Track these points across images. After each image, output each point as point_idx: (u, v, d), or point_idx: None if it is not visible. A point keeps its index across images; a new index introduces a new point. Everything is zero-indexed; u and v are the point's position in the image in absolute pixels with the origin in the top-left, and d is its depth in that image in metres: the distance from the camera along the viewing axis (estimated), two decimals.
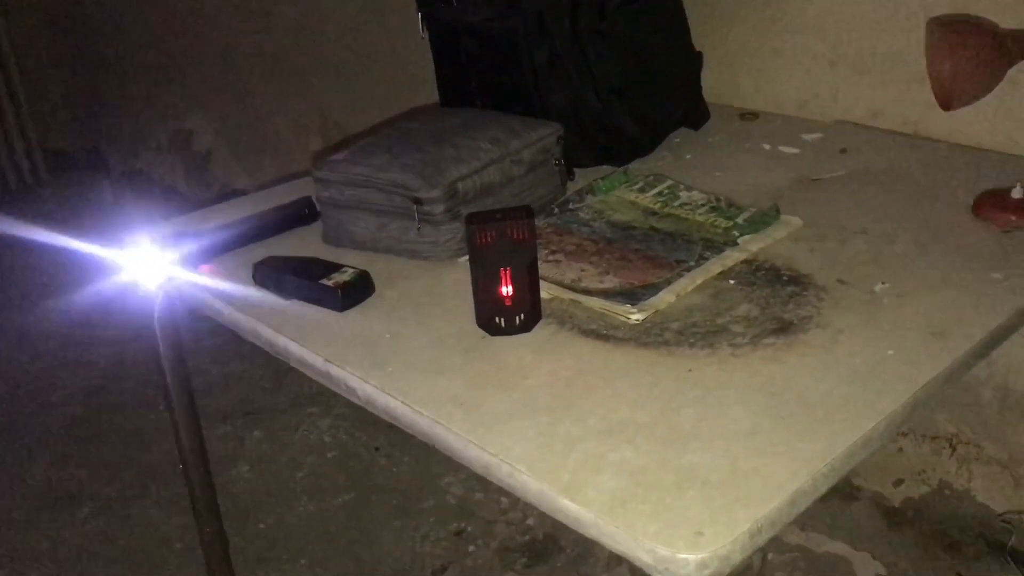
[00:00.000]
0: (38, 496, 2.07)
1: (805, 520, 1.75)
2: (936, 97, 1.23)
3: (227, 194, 3.04)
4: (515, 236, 0.92)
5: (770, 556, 1.72)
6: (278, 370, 2.40)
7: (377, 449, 2.12)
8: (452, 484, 1.99)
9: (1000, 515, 1.56)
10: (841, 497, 1.76)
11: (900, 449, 1.67)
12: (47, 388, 2.46)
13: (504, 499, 1.93)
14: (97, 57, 3.49)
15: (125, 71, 3.40)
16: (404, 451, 2.10)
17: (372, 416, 2.31)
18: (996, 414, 1.53)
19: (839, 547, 1.70)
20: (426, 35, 1.46)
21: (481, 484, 1.97)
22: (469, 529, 1.88)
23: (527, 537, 1.84)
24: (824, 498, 0.75)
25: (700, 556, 0.66)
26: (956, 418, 1.59)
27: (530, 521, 1.88)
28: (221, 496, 1.46)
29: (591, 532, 0.72)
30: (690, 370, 0.88)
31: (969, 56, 1.18)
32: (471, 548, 1.83)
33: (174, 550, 1.89)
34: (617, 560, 1.76)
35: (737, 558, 0.68)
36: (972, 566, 1.59)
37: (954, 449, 1.61)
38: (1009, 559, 1.55)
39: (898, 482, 1.71)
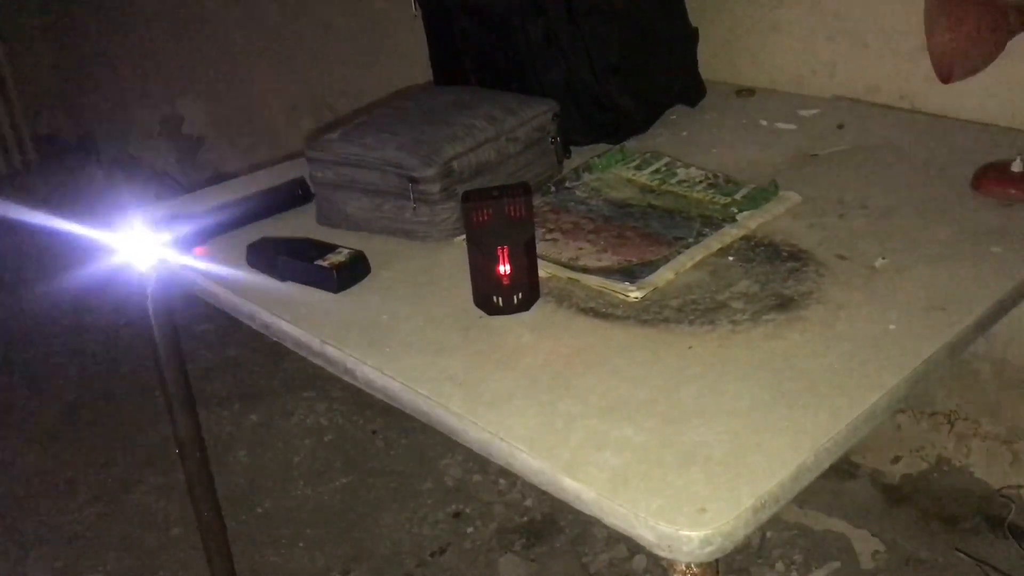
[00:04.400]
0: (34, 483, 2.06)
1: (803, 498, 1.75)
2: (935, 69, 1.22)
3: (219, 178, 3.02)
4: (512, 214, 0.91)
5: (769, 534, 1.72)
6: (273, 355, 2.39)
7: (374, 432, 2.12)
8: (450, 466, 1.99)
9: (999, 490, 1.56)
10: (839, 474, 1.76)
11: (898, 426, 1.67)
12: (41, 374, 2.45)
13: (502, 480, 1.93)
14: (87, 42, 3.46)
15: (115, 56, 3.37)
16: (401, 434, 2.09)
17: (369, 399, 2.30)
18: (994, 390, 1.53)
19: (838, 524, 1.71)
20: (419, 13, 1.44)
21: (479, 466, 1.97)
22: (467, 511, 1.87)
23: (525, 518, 1.84)
24: (822, 475, 0.75)
25: (703, 533, 0.66)
26: (954, 394, 1.59)
27: (528, 502, 1.88)
28: (218, 481, 1.45)
29: (593, 510, 0.71)
30: (690, 347, 0.87)
31: (969, 28, 1.16)
32: (469, 530, 1.83)
33: (171, 535, 1.88)
34: (615, 539, 1.76)
35: (741, 534, 0.67)
36: (971, 541, 1.59)
37: (952, 425, 1.61)
38: (1008, 534, 1.55)
39: (896, 459, 1.70)
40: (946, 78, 1.20)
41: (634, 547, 1.74)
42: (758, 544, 1.70)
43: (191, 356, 2.24)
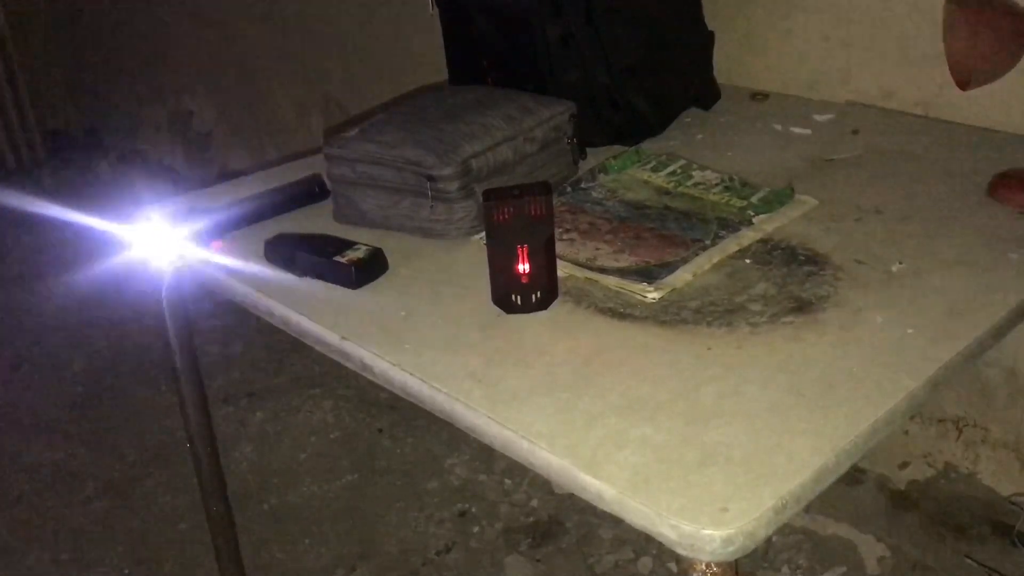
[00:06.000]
0: (41, 476, 2.07)
1: (810, 503, 1.75)
2: (953, 76, 1.22)
3: (227, 175, 3.02)
4: (533, 213, 0.91)
5: (775, 539, 1.72)
6: (280, 351, 2.39)
7: (380, 430, 2.12)
8: (455, 465, 1.99)
9: (1008, 498, 1.56)
10: (846, 480, 1.76)
11: (906, 432, 1.67)
12: (48, 367, 2.45)
13: (508, 480, 1.93)
14: (96, 36, 3.46)
15: (124, 51, 3.37)
16: (407, 432, 2.10)
17: (375, 397, 2.30)
18: (1003, 397, 1.53)
19: (844, 530, 1.71)
20: (435, 12, 1.44)
21: (485, 465, 1.97)
22: (473, 510, 1.88)
23: (531, 518, 1.84)
24: None
25: (725, 532, 0.66)
26: (963, 401, 1.59)
27: (534, 502, 1.88)
28: (224, 476, 1.46)
29: (614, 508, 0.71)
30: (709, 348, 0.88)
31: (988, 35, 1.17)
32: (475, 529, 1.83)
33: (178, 530, 1.88)
34: (621, 541, 1.76)
35: (762, 534, 0.67)
36: (978, 549, 1.59)
37: (960, 432, 1.61)
38: (1017, 542, 1.55)
39: (904, 465, 1.71)
40: (964, 85, 1.21)
41: (640, 549, 1.74)
42: (764, 548, 1.70)
43: (197, 352, 2.25)
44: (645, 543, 1.74)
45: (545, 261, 0.93)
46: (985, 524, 1.60)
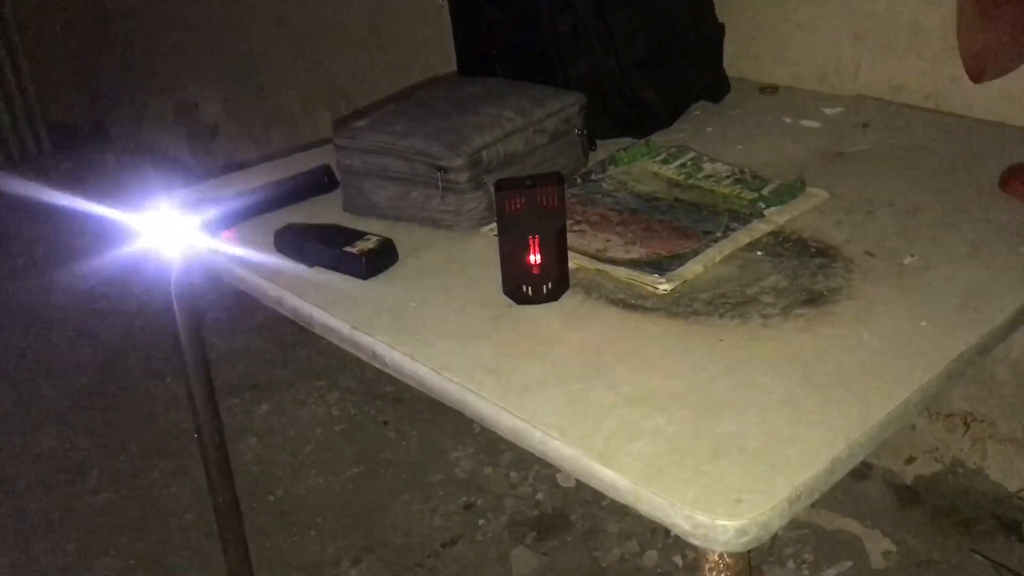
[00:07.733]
0: (47, 466, 2.07)
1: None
2: (966, 69, 1.21)
3: (233, 167, 3.02)
4: (545, 203, 0.91)
5: (780, 533, 1.72)
6: (285, 344, 2.39)
7: (385, 423, 2.12)
8: (461, 458, 1.99)
9: (1016, 492, 1.56)
10: (852, 474, 1.75)
11: (913, 426, 1.67)
12: (54, 358, 2.46)
13: (513, 473, 1.93)
14: (102, 28, 3.46)
15: (130, 43, 3.37)
16: (412, 425, 2.09)
17: (380, 390, 2.29)
18: (1011, 392, 1.53)
19: (850, 524, 1.71)
20: (444, 3, 1.44)
21: (490, 458, 1.97)
22: (478, 503, 1.88)
23: (536, 512, 1.84)
24: None
25: (739, 523, 0.66)
26: (970, 396, 1.59)
27: (540, 496, 1.88)
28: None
29: (627, 498, 0.71)
30: (721, 340, 0.87)
31: (1003, 28, 1.16)
32: (481, 522, 1.83)
33: (183, 520, 1.89)
34: (627, 535, 1.76)
35: (776, 525, 0.67)
36: (984, 544, 1.59)
37: (968, 427, 1.61)
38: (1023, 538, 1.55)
39: (910, 459, 1.70)
40: (977, 78, 1.20)
41: (645, 542, 1.74)
42: (769, 543, 1.70)
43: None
44: (651, 536, 1.74)
45: (556, 252, 0.93)
46: (992, 519, 1.60)
